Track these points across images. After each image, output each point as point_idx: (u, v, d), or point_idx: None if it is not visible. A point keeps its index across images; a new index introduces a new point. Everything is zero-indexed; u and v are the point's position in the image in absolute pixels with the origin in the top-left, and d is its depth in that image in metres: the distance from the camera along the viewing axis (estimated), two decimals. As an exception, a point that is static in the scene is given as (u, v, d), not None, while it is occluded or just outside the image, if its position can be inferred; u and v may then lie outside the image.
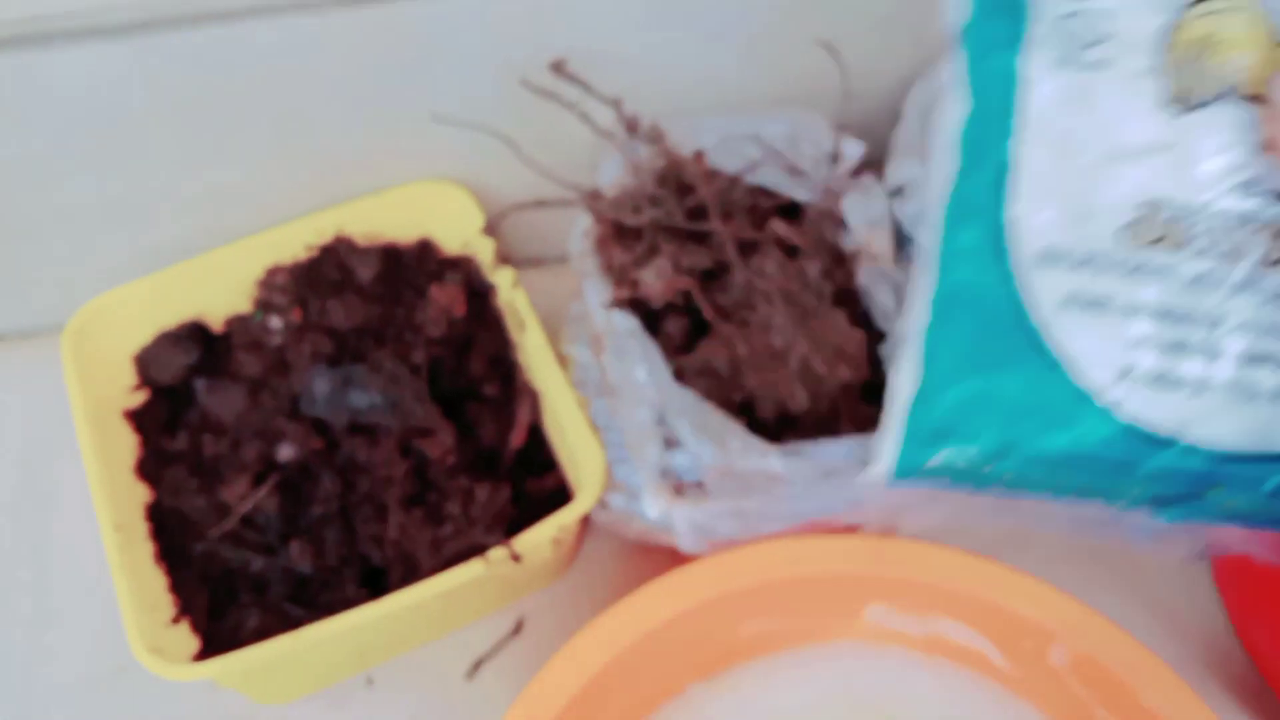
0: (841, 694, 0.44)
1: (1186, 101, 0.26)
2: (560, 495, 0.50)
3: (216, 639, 0.46)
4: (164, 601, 0.47)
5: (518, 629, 0.51)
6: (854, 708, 0.44)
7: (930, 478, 0.31)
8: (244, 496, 0.47)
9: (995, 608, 0.42)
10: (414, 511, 0.46)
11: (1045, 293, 0.28)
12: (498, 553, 0.44)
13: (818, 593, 0.43)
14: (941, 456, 0.30)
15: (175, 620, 0.46)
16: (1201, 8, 0.25)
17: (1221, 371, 0.27)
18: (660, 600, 0.42)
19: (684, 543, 0.46)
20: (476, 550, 0.45)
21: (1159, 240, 0.27)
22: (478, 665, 0.51)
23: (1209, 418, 0.27)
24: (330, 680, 0.50)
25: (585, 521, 0.52)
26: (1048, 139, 0.28)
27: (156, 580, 0.47)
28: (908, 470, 0.31)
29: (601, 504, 0.48)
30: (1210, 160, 0.25)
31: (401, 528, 0.46)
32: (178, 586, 0.47)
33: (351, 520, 0.47)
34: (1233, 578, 0.51)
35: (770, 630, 0.45)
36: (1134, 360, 0.27)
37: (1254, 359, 0.26)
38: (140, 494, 0.50)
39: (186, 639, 0.46)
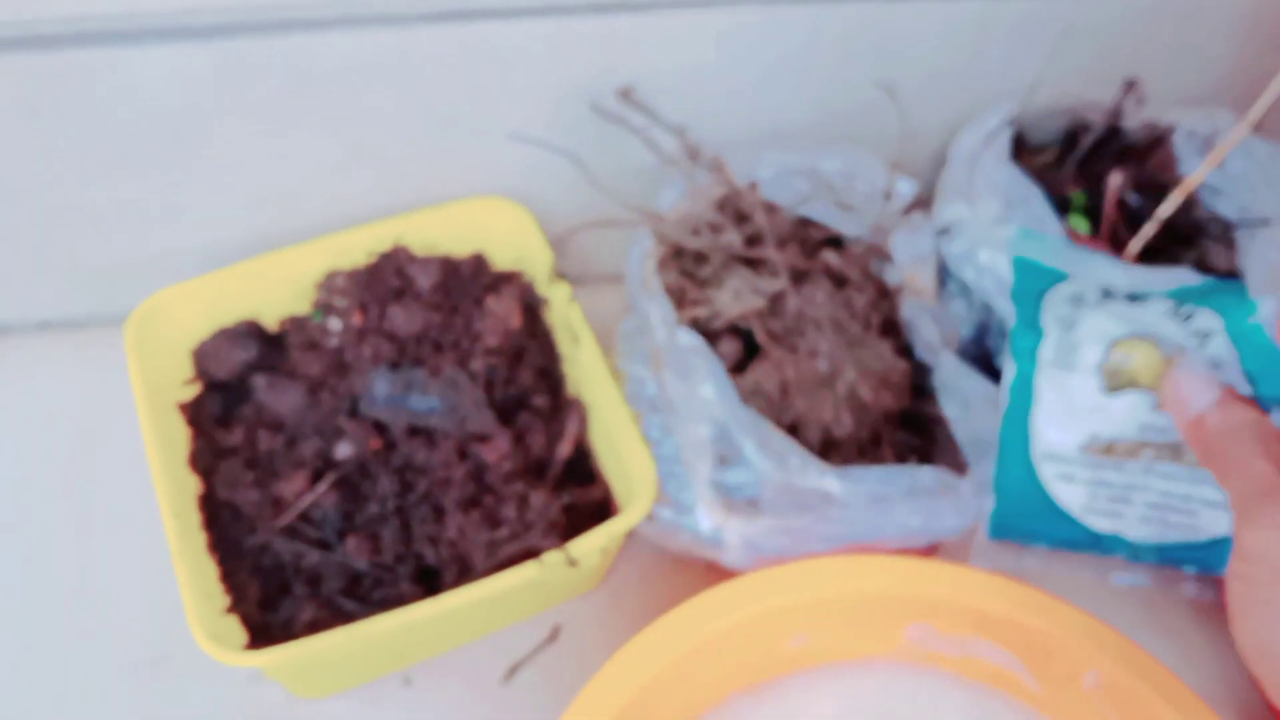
0: (878, 711, 0.46)
1: (1115, 387, 0.48)
2: (603, 507, 0.51)
3: (267, 630, 0.47)
4: (217, 591, 0.48)
5: (554, 635, 0.53)
6: (890, 723, 0.46)
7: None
8: (301, 492, 0.48)
9: (1031, 630, 0.44)
10: (471, 513, 0.47)
11: (1048, 472, 0.49)
12: (553, 556, 0.46)
13: (863, 610, 0.45)
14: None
15: (229, 610, 0.47)
16: (1122, 344, 0.48)
17: (1137, 511, 0.48)
18: (713, 611, 0.44)
19: (732, 557, 0.47)
20: (531, 553, 0.46)
21: (1100, 450, 0.48)
22: (514, 669, 0.52)
23: (1133, 528, 0.49)
24: (369, 677, 0.51)
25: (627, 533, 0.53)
26: (1047, 400, 0.49)
27: (210, 570, 0.48)
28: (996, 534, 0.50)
29: (649, 516, 0.49)
30: (1125, 416, 0.48)
31: (459, 528, 0.47)
32: (229, 577, 0.48)
33: (408, 520, 0.48)
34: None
35: (814, 645, 0.46)
36: (1092, 504, 0.48)
37: (1154, 506, 0.48)
38: (192, 485, 0.50)
39: (236, 629, 0.47)
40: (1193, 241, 0.59)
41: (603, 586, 0.54)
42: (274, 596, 0.48)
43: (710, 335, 0.51)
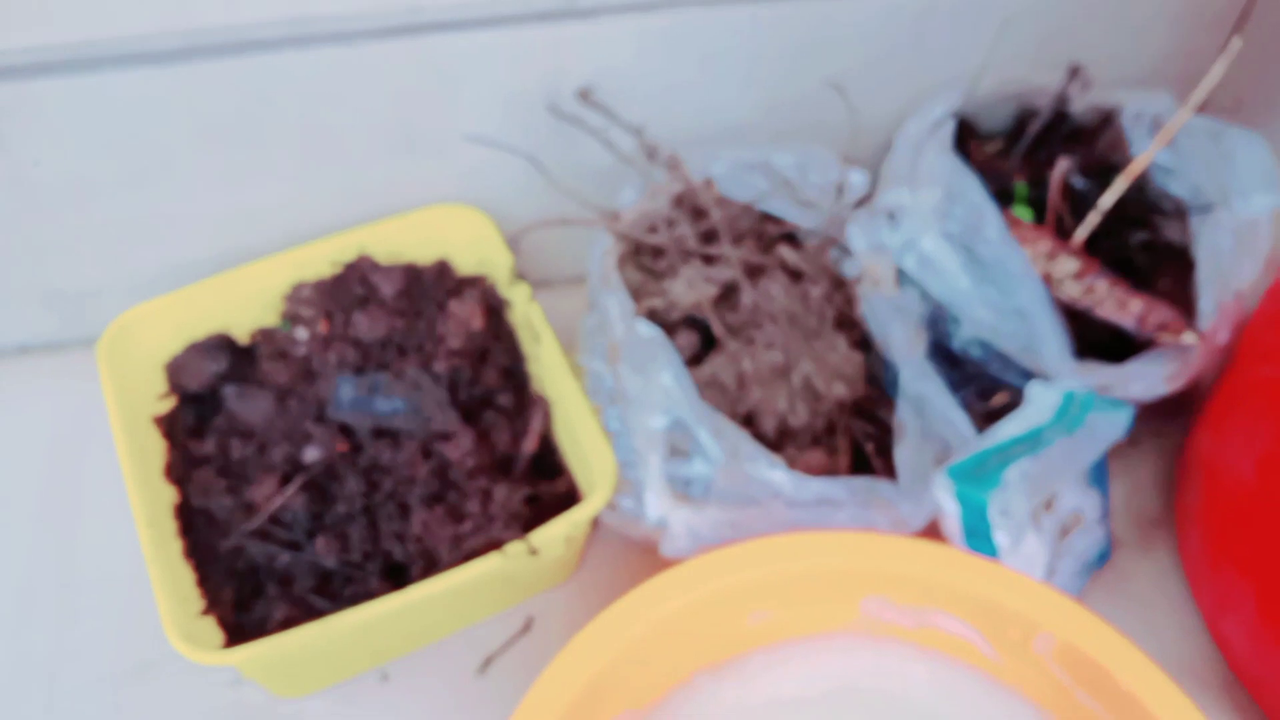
0: (840, 683, 0.47)
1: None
2: (570, 499, 0.52)
3: (242, 631, 0.48)
4: (193, 595, 0.49)
5: (527, 627, 0.54)
6: (852, 696, 0.47)
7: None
8: (272, 496, 0.49)
9: (983, 600, 0.45)
10: (436, 509, 0.49)
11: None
12: (515, 547, 0.47)
13: (819, 584, 0.46)
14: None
15: (204, 613, 0.48)
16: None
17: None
18: (670, 591, 0.45)
19: (673, 545, 0.48)
20: (495, 545, 0.47)
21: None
22: (489, 662, 0.53)
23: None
24: (347, 674, 0.52)
25: (593, 523, 0.55)
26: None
27: (185, 575, 0.49)
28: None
29: (611, 505, 0.51)
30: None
31: (424, 524, 0.48)
32: (205, 581, 0.49)
33: (375, 518, 0.49)
34: (1204, 578, 0.54)
35: (773, 621, 0.47)
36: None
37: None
38: (168, 495, 0.52)
39: (213, 631, 0.48)
40: (1144, 221, 0.60)
41: (574, 578, 0.56)
42: (248, 598, 0.49)
43: (668, 328, 0.52)
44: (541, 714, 0.42)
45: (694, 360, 0.52)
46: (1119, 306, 0.54)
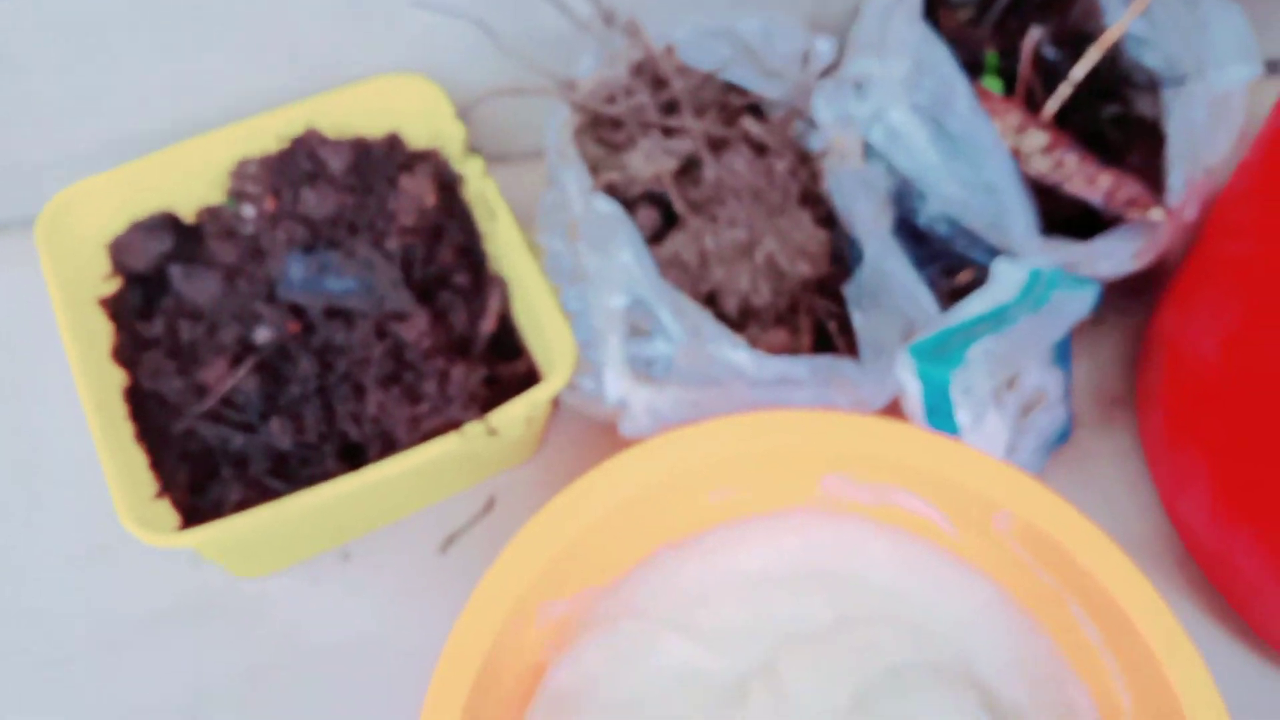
0: (802, 557, 0.47)
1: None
2: (530, 380, 0.52)
3: (198, 513, 0.47)
4: (146, 479, 0.48)
5: (489, 506, 0.54)
6: (813, 571, 0.47)
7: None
8: (223, 377, 0.48)
9: (943, 479, 0.45)
10: (391, 390, 0.48)
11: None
12: (474, 427, 0.46)
13: (778, 463, 0.46)
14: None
15: (158, 495, 0.48)
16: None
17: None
18: (630, 470, 0.44)
19: (634, 425, 0.48)
20: (453, 426, 0.47)
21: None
22: (450, 541, 0.53)
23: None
24: (307, 554, 0.52)
25: (555, 404, 0.54)
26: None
27: (138, 459, 0.49)
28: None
29: (572, 386, 0.50)
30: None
31: (380, 405, 0.47)
32: (158, 465, 0.49)
33: (330, 399, 0.49)
34: (1163, 457, 0.54)
35: (735, 499, 0.47)
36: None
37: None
38: (117, 378, 0.51)
39: (169, 514, 0.48)
40: (1116, 94, 0.59)
41: (536, 458, 0.55)
42: (203, 480, 0.48)
43: (628, 204, 0.51)
44: (503, 591, 0.42)
45: (655, 238, 0.51)
46: (1087, 182, 0.53)
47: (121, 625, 0.51)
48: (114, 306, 0.52)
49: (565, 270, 0.50)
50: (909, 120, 0.51)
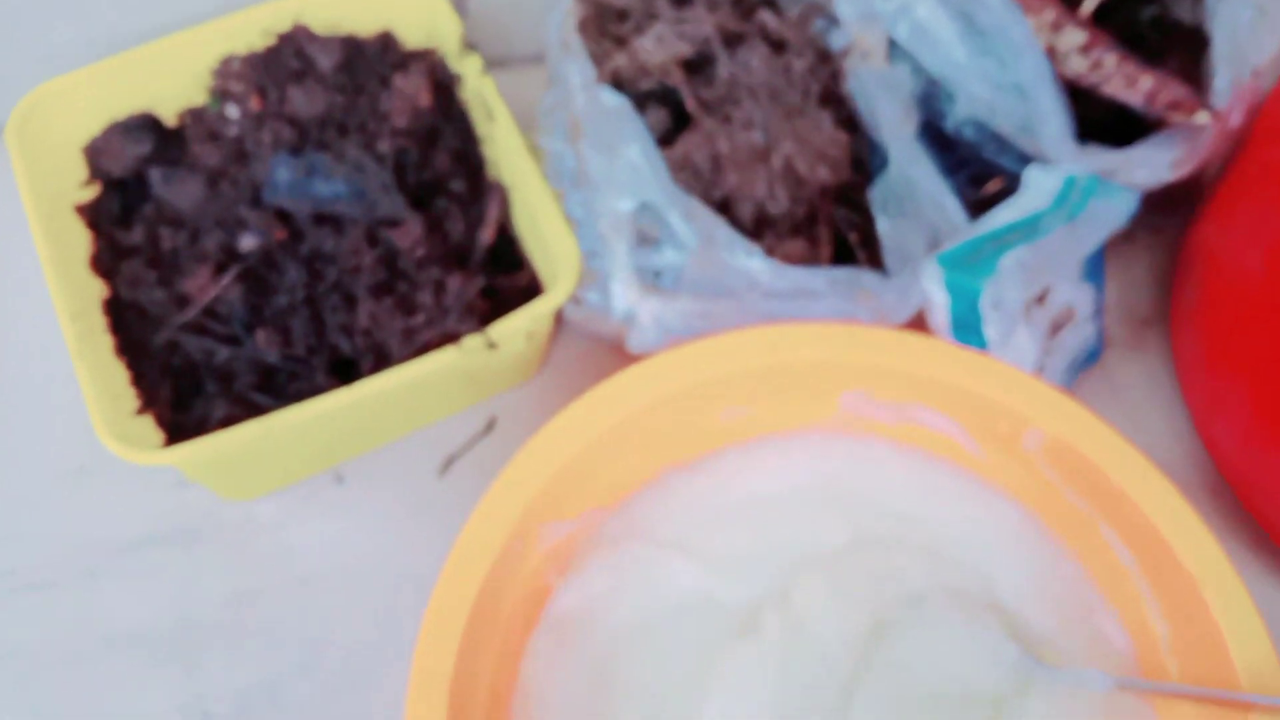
0: (816, 481, 0.45)
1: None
2: (532, 293, 0.49)
3: (182, 430, 0.45)
4: (127, 394, 0.46)
5: (489, 427, 0.51)
6: (828, 494, 0.44)
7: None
8: (206, 287, 0.45)
9: (970, 394, 0.42)
10: (384, 300, 0.45)
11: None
12: (472, 340, 0.44)
13: (794, 379, 0.43)
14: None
15: (140, 411, 0.45)
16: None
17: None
18: (637, 386, 0.42)
19: (641, 339, 0.45)
20: (450, 339, 0.44)
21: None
22: (449, 462, 0.50)
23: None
24: (298, 476, 0.50)
25: (558, 319, 0.51)
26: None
27: (118, 373, 0.46)
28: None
29: (576, 299, 0.47)
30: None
31: (371, 316, 0.45)
32: (140, 379, 0.46)
33: (319, 310, 0.46)
34: (1197, 379, 0.51)
35: (747, 418, 0.44)
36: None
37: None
38: (96, 289, 0.48)
39: (152, 431, 0.45)
40: (1155, -6, 0.55)
41: (539, 377, 0.53)
42: (187, 396, 0.46)
43: (635, 101, 0.47)
44: (503, 510, 0.40)
45: (664, 141, 0.48)
46: (1127, 83, 0.49)
47: (104, 549, 0.49)
48: (92, 214, 0.49)
49: (568, 174, 0.47)
50: (936, 15, 0.47)
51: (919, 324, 0.45)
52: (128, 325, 0.47)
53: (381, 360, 0.45)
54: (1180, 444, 0.53)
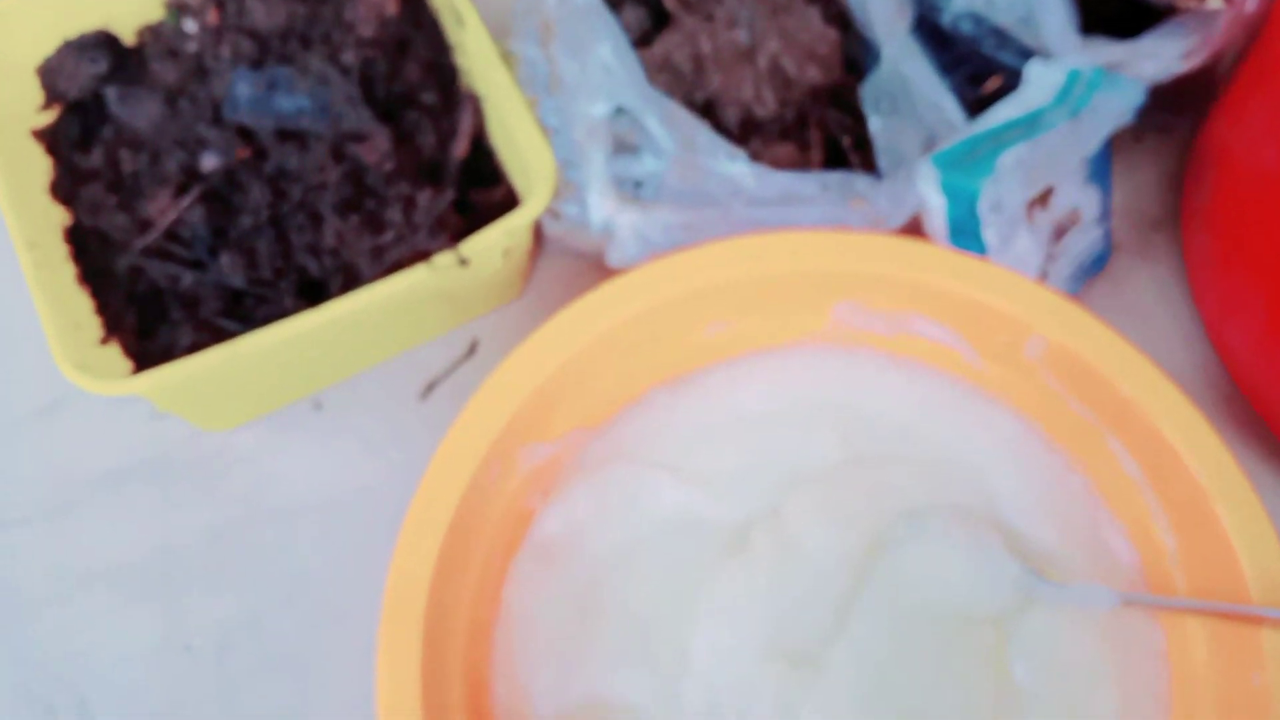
0: (808, 396, 0.43)
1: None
2: (509, 208, 0.46)
3: (149, 359, 0.43)
4: (91, 323, 0.44)
5: (471, 350, 0.49)
6: (821, 409, 0.43)
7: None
8: (166, 209, 0.43)
9: (969, 301, 0.40)
10: (351, 218, 0.43)
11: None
12: (444, 258, 0.42)
13: (783, 291, 0.41)
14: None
15: (104, 341, 0.44)
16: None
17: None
18: (617, 300, 0.40)
19: (621, 252, 0.43)
20: (421, 256, 0.42)
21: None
22: (430, 387, 0.49)
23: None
24: (276, 404, 0.48)
25: (538, 238, 0.49)
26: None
27: (81, 302, 0.44)
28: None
29: (554, 213, 0.45)
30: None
31: (339, 235, 0.43)
32: (104, 308, 0.44)
33: (285, 231, 0.44)
34: (1210, 282, 0.49)
35: (734, 333, 0.42)
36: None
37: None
38: (57, 216, 0.46)
39: (118, 360, 0.44)
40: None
41: (521, 299, 0.51)
42: (153, 324, 0.44)
43: (611, 3, 0.45)
44: (480, 430, 0.38)
45: (642, 41, 0.45)
46: (1135, -32, 0.46)
47: (79, 484, 0.48)
48: (50, 138, 0.47)
49: (541, 80, 0.44)
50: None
51: (915, 230, 0.43)
52: (90, 253, 0.45)
53: (351, 281, 0.43)
54: (1190, 352, 0.51)
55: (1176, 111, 0.53)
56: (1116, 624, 0.40)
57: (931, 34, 0.48)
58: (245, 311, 0.44)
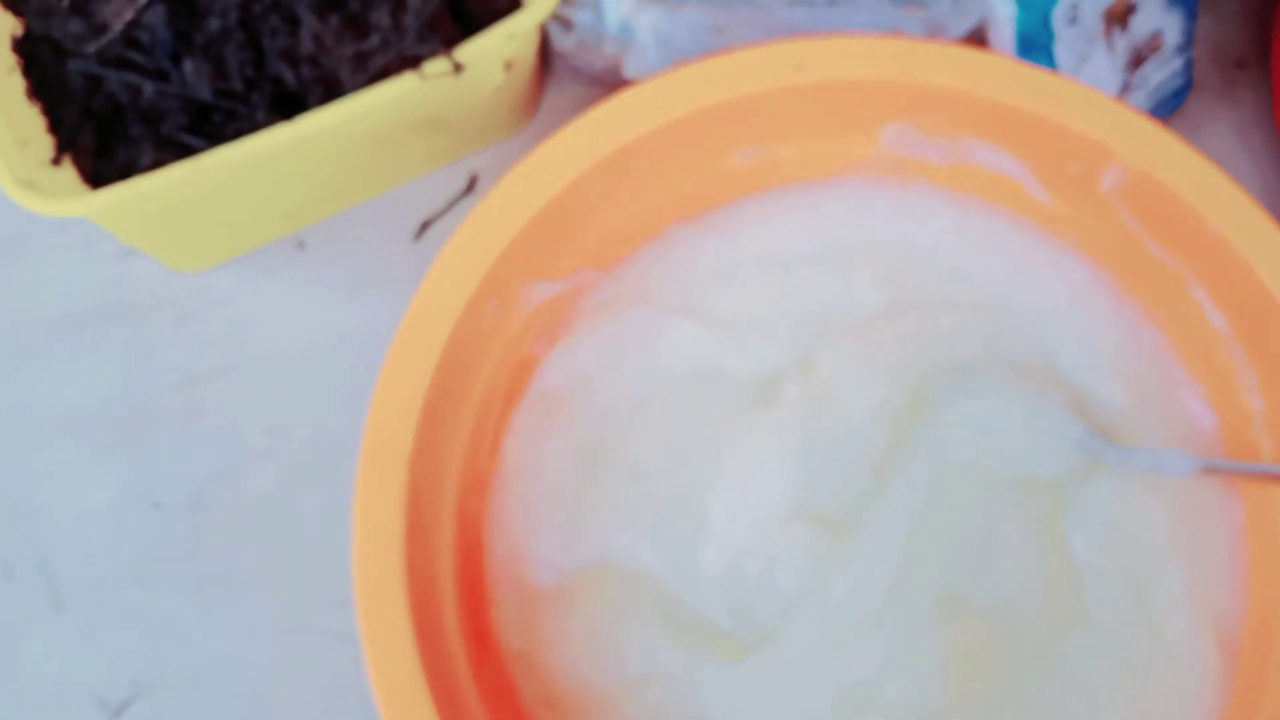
0: (850, 235, 0.38)
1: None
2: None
3: (106, 179, 0.39)
4: (43, 141, 0.39)
5: (471, 186, 0.44)
6: (863, 250, 0.37)
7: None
8: (122, 9, 0.38)
9: (1039, 122, 0.35)
10: (330, 20, 0.37)
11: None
12: (436, 65, 0.36)
13: (826, 109, 0.36)
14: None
15: (56, 160, 0.39)
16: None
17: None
18: (634, 111, 0.34)
19: (641, 62, 0.38)
20: (411, 65, 0.37)
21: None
22: (425, 227, 0.44)
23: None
24: (254, 243, 0.44)
25: (545, 57, 0.44)
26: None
27: (32, 119, 0.40)
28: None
29: (564, 22, 0.39)
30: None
31: (316, 39, 0.37)
32: (57, 125, 0.39)
33: (257, 34, 0.38)
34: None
35: (768, 160, 0.37)
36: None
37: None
38: (6, 25, 0.41)
39: (74, 183, 0.39)
40: None
41: (528, 129, 0.46)
42: (111, 141, 0.39)
43: None
44: (473, 257, 0.33)
45: None
46: None
47: (40, 327, 0.43)
48: (-6, -64, 0.42)
49: None
50: None
51: (979, 43, 0.38)
52: (42, 65, 0.40)
53: (332, 93, 0.38)
54: (1275, 206, 0.45)
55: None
56: (1191, 495, 0.36)
57: None
58: (214, 128, 0.39)
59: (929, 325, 0.37)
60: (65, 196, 0.37)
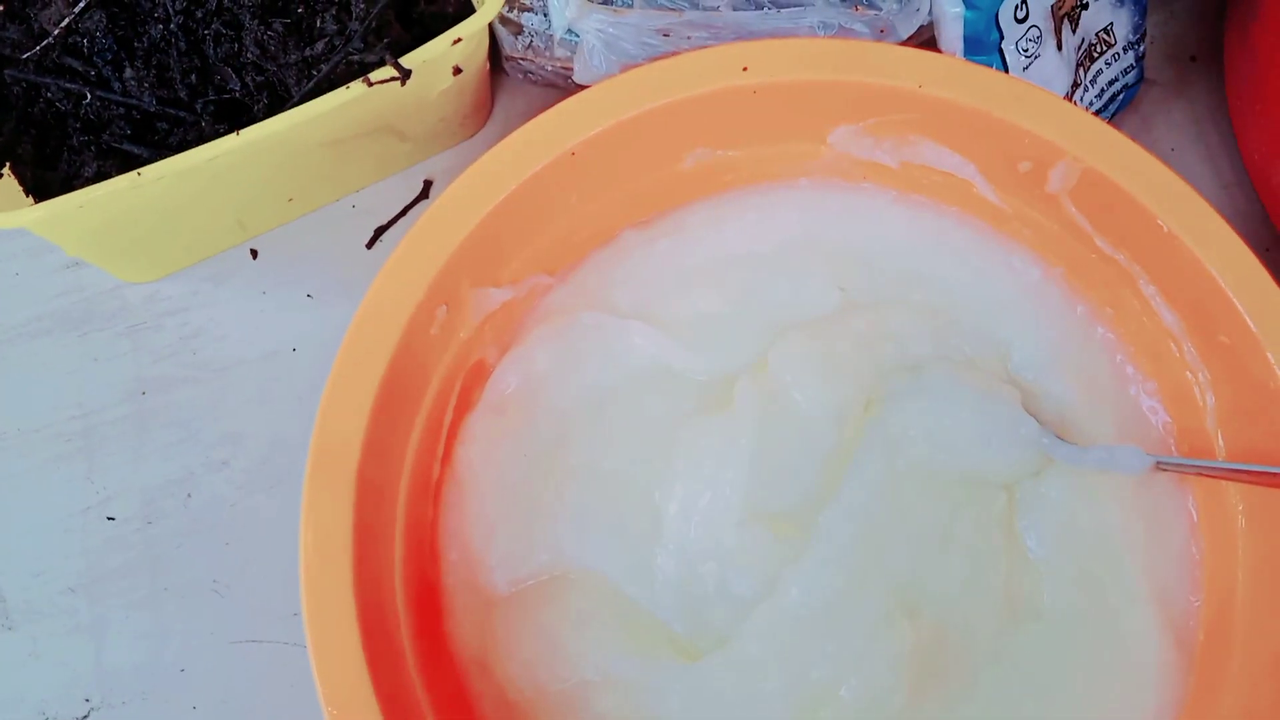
0: (801, 237, 0.38)
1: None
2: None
3: (49, 191, 0.38)
4: (-15, 153, 0.39)
5: (424, 192, 0.44)
6: (814, 252, 0.37)
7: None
8: (61, 16, 0.38)
9: (987, 120, 0.35)
10: (275, 26, 0.37)
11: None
12: (383, 72, 0.36)
13: (775, 111, 0.36)
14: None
15: (-4, 171, 0.38)
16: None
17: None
18: (582, 115, 0.34)
19: (589, 67, 0.37)
20: (358, 73, 0.36)
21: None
22: (379, 233, 0.44)
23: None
24: (206, 252, 0.43)
25: (496, 61, 0.44)
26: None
27: (-26, 129, 0.39)
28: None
29: (514, 26, 0.39)
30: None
31: (260, 46, 0.37)
32: (-3, 136, 0.39)
33: (200, 41, 0.38)
34: (1255, 120, 0.44)
35: (718, 163, 0.37)
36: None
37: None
38: (-53, 33, 0.40)
39: (15, 195, 0.38)
40: None
41: (481, 134, 0.45)
42: (53, 152, 0.39)
43: None
44: (421, 263, 0.33)
45: None
46: None
47: (-11, 338, 0.43)
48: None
49: None
50: None
51: (927, 45, 0.38)
52: (-17, 73, 0.40)
53: (278, 100, 0.38)
54: (1229, 197, 0.45)
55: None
56: (1144, 491, 0.36)
57: None
58: (159, 138, 0.38)
59: (881, 325, 0.37)
60: (4, 209, 0.37)
